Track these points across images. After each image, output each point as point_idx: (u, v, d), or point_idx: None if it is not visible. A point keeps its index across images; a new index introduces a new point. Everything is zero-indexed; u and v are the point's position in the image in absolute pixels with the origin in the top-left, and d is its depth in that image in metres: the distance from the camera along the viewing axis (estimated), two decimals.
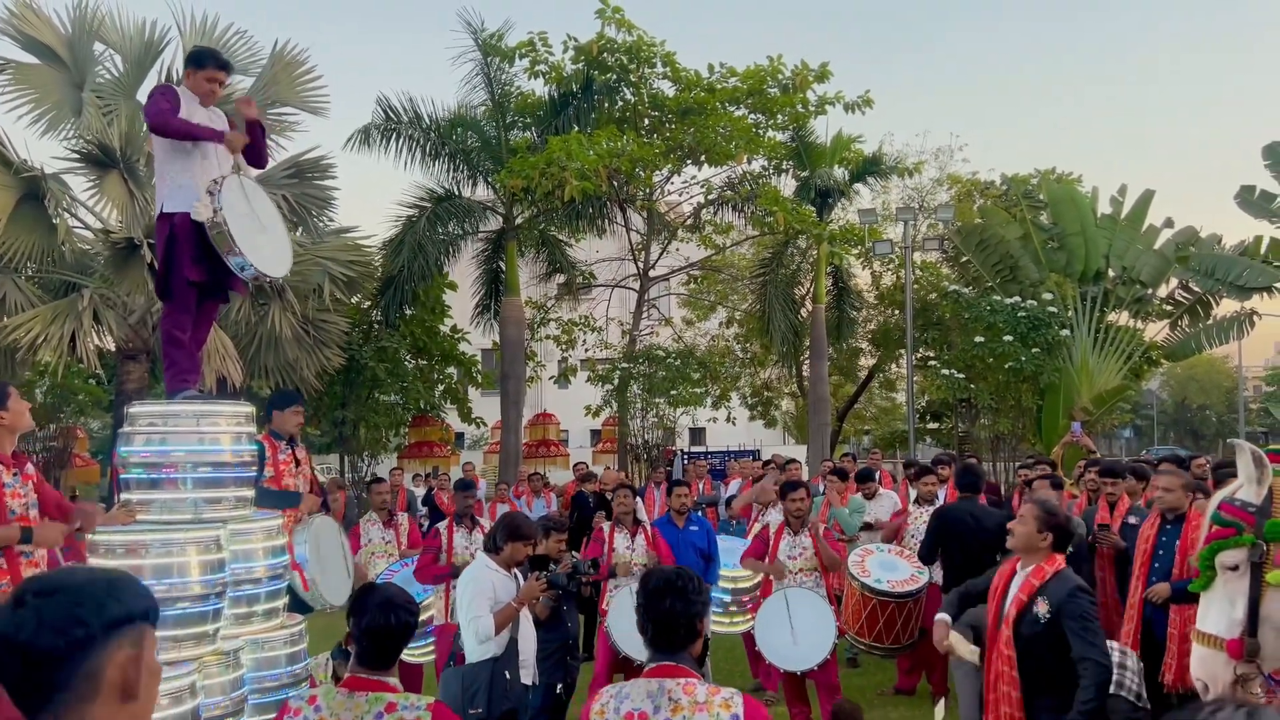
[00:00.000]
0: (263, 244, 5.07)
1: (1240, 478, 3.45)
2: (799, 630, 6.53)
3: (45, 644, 1.31)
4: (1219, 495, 3.51)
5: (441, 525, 7.69)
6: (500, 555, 5.13)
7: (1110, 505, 7.02)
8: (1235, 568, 3.35)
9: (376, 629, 3.04)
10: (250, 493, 5.25)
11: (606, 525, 7.60)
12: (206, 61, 5.17)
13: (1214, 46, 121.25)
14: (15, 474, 4.29)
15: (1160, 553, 5.67)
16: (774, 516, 8.64)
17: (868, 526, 8.71)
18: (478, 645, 4.94)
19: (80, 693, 1.33)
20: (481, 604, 4.96)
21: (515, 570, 5.20)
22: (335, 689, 3.11)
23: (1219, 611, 3.44)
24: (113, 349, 13.32)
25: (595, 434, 27.98)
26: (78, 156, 12.73)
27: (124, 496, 4.87)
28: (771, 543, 7.14)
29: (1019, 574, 4.28)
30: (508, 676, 5.01)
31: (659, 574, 2.89)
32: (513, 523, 5.26)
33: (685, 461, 18.39)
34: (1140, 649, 5.61)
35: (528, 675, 5.25)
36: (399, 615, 3.05)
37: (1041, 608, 4.06)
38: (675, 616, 2.77)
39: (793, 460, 12.73)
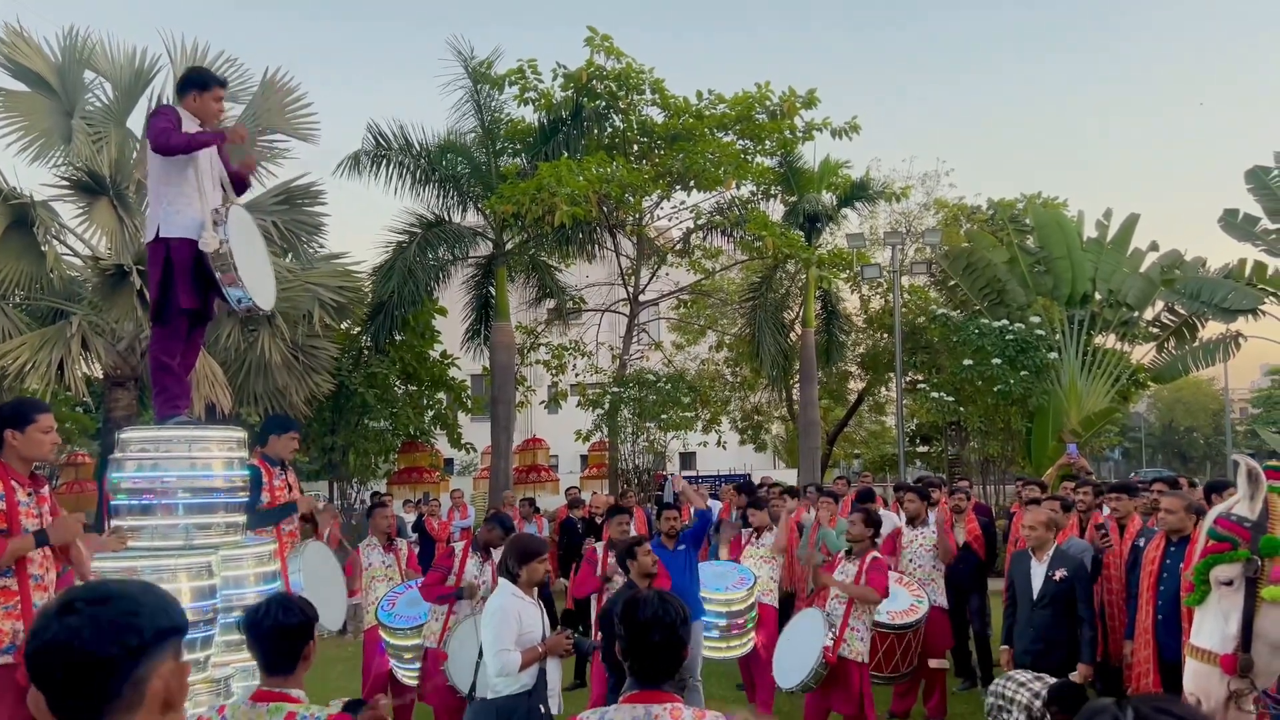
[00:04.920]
0: (256, 275, 5.08)
1: (1238, 493, 3.47)
2: (800, 651, 6.55)
3: (103, 651, 1.32)
4: (1216, 510, 3.53)
5: (459, 546, 7.66)
6: (520, 580, 5.04)
7: (1120, 526, 6.96)
8: (1230, 583, 3.36)
9: (277, 628, 3.11)
10: (241, 518, 5.22)
11: (599, 546, 7.57)
12: (211, 83, 5.18)
13: (1196, 71, 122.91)
14: (30, 493, 4.19)
15: (1165, 575, 5.62)
16: (769, 539, 8.62)
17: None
18: (497, 677, 4.81)
19: (128, 701, 1.34)
20: (507, 636, 4.82)
21: (536, 592, 5.15)
22: (242, 701, 3.20)
23: (1213, 626, 3.44)
24: (101, 376, 13.26)
25: (585, 459, 27.91)
26: (67, 184, 12.74)
27: (115, 523, 4.84)
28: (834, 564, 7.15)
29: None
30: (543, 710, 4.95)
31: (645, 605, 2.82)
32: (520, 545, 5.17)
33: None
34: (1157, 673, 5.57)
35: (554, 704, 5.22)
36: (293, 615, 3.13)
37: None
38: (661, 649, 2.75)
39: (779, 484, 12.70)
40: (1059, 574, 6.00)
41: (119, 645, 1.33)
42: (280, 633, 3.13)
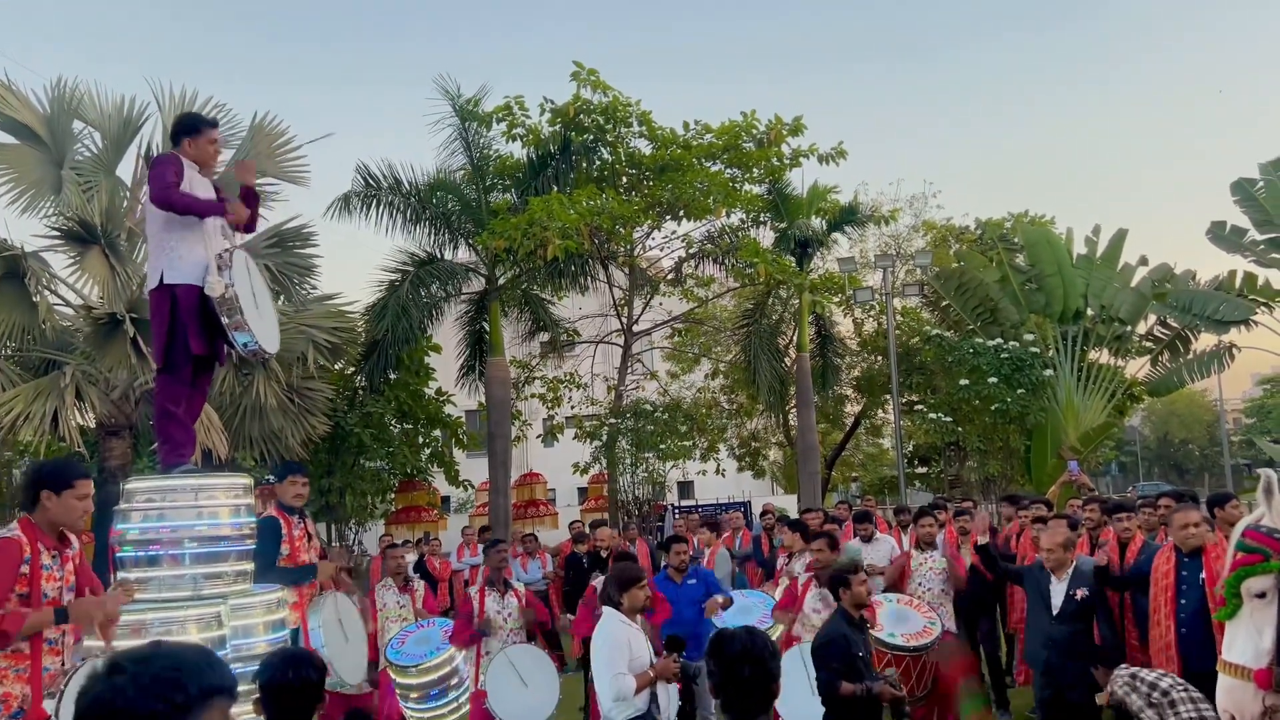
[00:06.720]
0: (260, 319, 5.04)
1: (1260, 505, 3.45)
2: (813, 687, 6.38)
3: (147, 707, 1.32)
4: (1244, 522, 3.51)
5: (473, 590, 7.62)
6: (624, 607, 5.12)
7: (1121, 545, 6.91)
8: (1262, 595, 3.33)
9: (277, 685, 3.03)
10: (249, 566, 5.15)
11: (600, 584, 7.50)
12: (202, 125, 5.17)
13: (1179, 85, 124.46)
14: (55, 555, 4.03)
15: (1184, 588, 5.57)
16: (798, 566, 8.53)
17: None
18: (613, 703, 4.87)
19: None
20: (620, 660, 4.89)
21: (640, 619, 5.21)
22: None
23: (1245, 640, 3.40)
24: (95, 425, 13.15)
25: (583, 491, 27.76)
26: (58, 234, 12.69)
27: (121, 575, 4.77)
28: (800, 594, 7.03)
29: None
30: None
31: (735, 640, 2.83)
32: (620, 573, 5.29)
33: (676, 516, 18.23)
34: None
35: None
36: (300, 671, 3.05)
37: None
38: (751, 683, 2.74)
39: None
40: (1080, 593, 5.95)
41: (164, 701, 1.33)
42: (289, 690, 3.04)
